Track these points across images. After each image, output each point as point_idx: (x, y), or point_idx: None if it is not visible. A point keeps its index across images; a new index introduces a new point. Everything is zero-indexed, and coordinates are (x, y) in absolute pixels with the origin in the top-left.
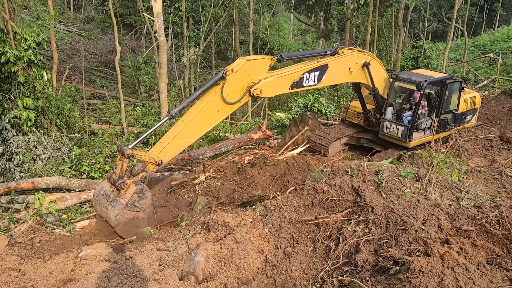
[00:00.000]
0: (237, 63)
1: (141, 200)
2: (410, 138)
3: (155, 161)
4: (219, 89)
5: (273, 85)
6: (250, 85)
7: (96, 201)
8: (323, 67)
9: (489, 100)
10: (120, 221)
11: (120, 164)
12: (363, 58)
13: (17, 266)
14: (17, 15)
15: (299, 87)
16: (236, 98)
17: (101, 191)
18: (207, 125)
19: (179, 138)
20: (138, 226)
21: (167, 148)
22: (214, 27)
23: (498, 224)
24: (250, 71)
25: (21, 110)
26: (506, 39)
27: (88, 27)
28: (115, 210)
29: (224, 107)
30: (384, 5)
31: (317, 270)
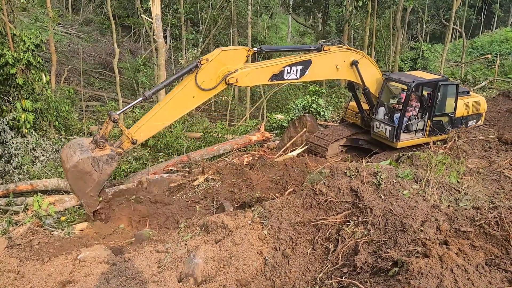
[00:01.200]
0: (213, 53)
1: (106, 164)
2: (397, 138)
3: (131, 139)
4: (193, 77)
5: (250, 75)
6: (226, 73)
7: (68, 145)
8: (306, 62)
9: (487, 101)
10: (79, 165)
11: (105, 126)
12: (351, 56)
13: (15, 268)
14: (16, 17)
15: (280, 79)
16: (211, 85)
17: (78, 141)
18: (183, 109)
19: (155, 120)
20: (85, 183)
21: (142, 128)
22: (212, 29)
23: (496, 225)
24: (226, 60)
25: (20, 112)
26: (504, 41)
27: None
28: (82, 155)
29: (199, 93)
30: (382, 6)
31: (316, 272)
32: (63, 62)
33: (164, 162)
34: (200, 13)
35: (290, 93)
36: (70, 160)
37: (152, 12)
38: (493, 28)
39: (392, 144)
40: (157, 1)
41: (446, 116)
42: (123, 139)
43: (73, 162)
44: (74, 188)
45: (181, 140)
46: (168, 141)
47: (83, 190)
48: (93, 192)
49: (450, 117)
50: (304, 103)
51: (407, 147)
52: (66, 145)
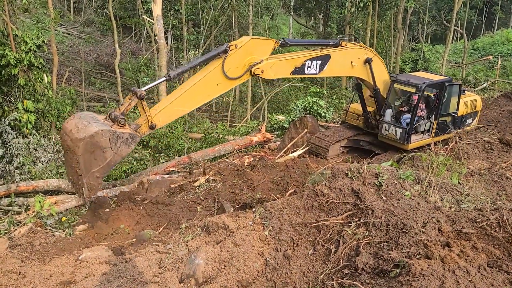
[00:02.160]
0: (242, 39)
1: (124, 144)
2: (408, 140)
3: (150, 123)
4: (220, 62)
5: (274, 67)
6: (252, 64)
7: (78, 116)
8: (325, 57)
9: (488, 102)
10: (97, 137)
11: (127, 103)
12: (365, 53)
13: (17, 269)
14: (18, 18)
15: (301, 73)
16: (236, 74)
17: (90, 114)
18: (205, 96)
19: (176, 105)
20: (95, 159)
21: (162, 113)
22: (213, 30)
23: (498, 227)
24: (253, 50)
25: (21, 112)
26: (505, 42)
27: (88, 30)
28: (101, 126)
29: (224, 81)
30: (383, 8)
31: (317, 273)
32: (64, 62)
33: (165, 163)
34: (201, 14)
35: (291, 94)
36: (83, 129)
37: (153, 13)
38: (494, 29)
39: (403, 146)
40: (158, 2)
41: (449, 116)
42: (141, 122)
43: (90, 131)
44: (80, 161)
45: (182, 141)
46: (169, 141)
47: (90, 167)
48: (99, 173)
49: (453, 116)
50: (305, 104)
51: (415, 148)
52: (73, 116)
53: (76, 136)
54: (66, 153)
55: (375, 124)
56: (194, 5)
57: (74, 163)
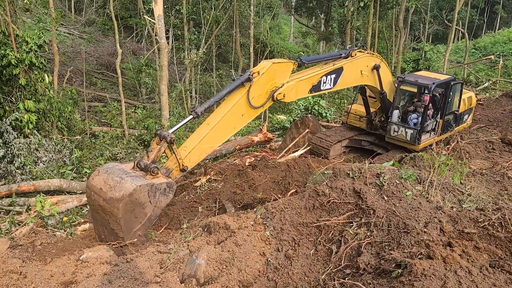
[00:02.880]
0: (262, 65)
1: (163, 195)
2: (419, 140)
3: (182, 166)
4: (245, 92)
5: (295, 89)
6: (274, 89)
7: (104, 171)
8: (338, 70)
9: (490, 102)
10: (136, 194)
11: (157, 149)
12: (373, 60)
13: (18, 269)
14: (19, 18)
15: (317, 90)
16: (260, 102)
17: (116, 166)
18: (232, 129)
19: (205, 143)
20: (136, 217)
21: (192, 153)
22: (214, 30)
23: (500, 226)
24: (275, 74)
25: (23, 112)
26: (507, 41)
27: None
28: (138, 182)
29: (248, 111)
30: (384, 7)
31: (318, 273)
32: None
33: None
34: (202, 13)
35: None
36: (117, 188)
37: (154, 12)
38: (496, 28)
39: (413, 146)
40: (159, 2)
41: (452, 114)
42: (171, 166)
43: (128, 189)
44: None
45: (183, 141)
46: None
47: (132, 227)
48: (141, 231)
49: (455, 114)
50: (306, 104)
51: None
52: (98, 171)
53: (111, 196)
54: (96, 213)
55: (379, 125)
56: (195, 4)
57: (113, 225)
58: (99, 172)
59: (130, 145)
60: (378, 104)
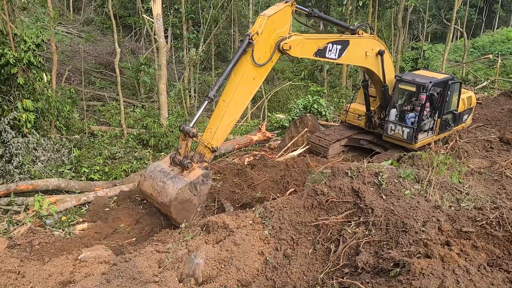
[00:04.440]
0: (259, 22)
1: (203, 185)
2: (416, 139)
3: (211, 147)
4: (249, 57)
5: (301, 45)
6: (279, 40)
7: (149, 176)
8: (345, 43)
9: (488, 101)
10: (180, 196)
11: (184, 144)
12: (378, 45)
13: (16, 268)
14: (17, 17)
15: (322, 56)
16: (266, 58)
17: (157, 168)
18: (248, 95)
19: (226, 119)
20: (188, 211)
21: (217, 133)
22: (213, 29)
23: (498, 225)
24: (275, 25)
25: (21, 112)
26: (506, 40)
27: (88, 29)
28: (177, 185)
29: (258, 72)
30: (383, 6)
31: (317, 272)
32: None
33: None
34: (201, 12)
35: (291, 92)
36: (164, 193)
37: (153, 11)
38: (495, 28)
39: (410, 145)
40: (158, 1)
41: (451, 114)
42: (202, 150)
43: (172, 195)
44: (178, 219)
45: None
46: (169, 140)
47: (188, 218)
48: (196, 216)
49: (454, 114)
50: (305, 103)
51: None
52: (144, 176)
53: (161, 201)
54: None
55: (378, 123)
56: (194, 3)
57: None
58: (145, 178)
59: (129, 144)
60: (377, 103)
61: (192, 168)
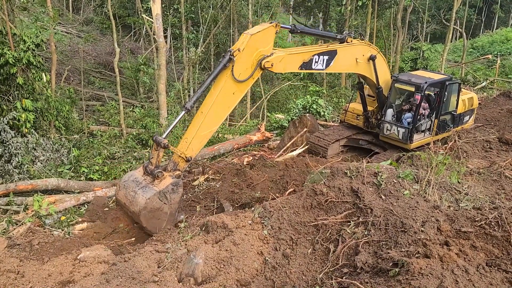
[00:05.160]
0: (241, 40)
1: (173, 193)
2: (411, 139)
3: (185, 157)
4: (229, 72)
5: (284, 61)
6: (261, 58)
7: (123, 186)
8: (332, 52)
9: (487, 101)
10: (148, 205)
11: (156, 154)
12: (369, 51)
13: (16, 268)
14: (16, 16)
15: (308, 68)
16: (247, 75)
17: (131, 177)
18: (226, 109)
19: (202, 130)
20: (159, 219)
21: (193, 143)
22: (213, 29)
23: (497, 225)
24: (257, 44)
25: (20, 111)
26: (505, 41)
27: (87, 29)
28: (146, 194)
29: (238, 88)
30: (382, 6)
31: (316, 272)
32: (63, 61)
33: (164, 162)
34: (200, 12)
35: (290, 93)
36: (134, 202)
37: (152, 11)
38: (494, 28)
39: (405, 145)
40: (157, 1)
41: (449, 114)
42: (176, 159)
43: (141, 204)
44: (149, 227)
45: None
46: (168, 140)
47: (159, 226)
48: (169, 224)
49: (453, 115)
50: (304, 103)
51: (417, 147)
52: (119, 185)
53: (133, 210)
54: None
55: (375, 123)
56: (193, 3)
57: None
58: (119, 187)
59: (128, 144)
60: (376, 103)
61: (162, 177)
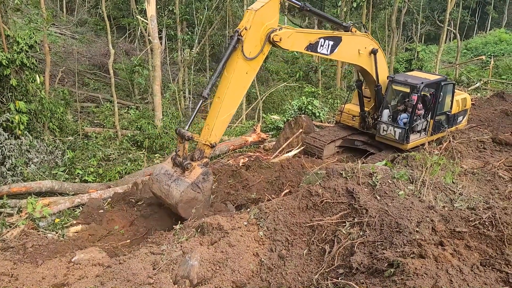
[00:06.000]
0: (246, 17)
1: (204, 182)
2: (407, 140)
3: (209, 144)
4: (240, 53)
5: (292, 37)
6: (269, 31)
7: (156, 179)
8: (337, 39)
9: (481, 102)
10: (184, 198)
11: (181, 147)
12: (371, 44)
13: (9, 271)
14: (9, 17)
15: (314, 50)
16: (257, 51)
17: (161, 170)
18: (242, 90)
19: (222, 115)
20: (195, 208)
21: (215, 129)
22: (208, 30)
23: (491, 225)
24: (263, 18)
25: (14, 113)
26: (498, 42)
27: (81, 30)
28: (180, 187)
29: (251, 66)
30: (377, 8)
31: (312, 273)
32: (57, 63)
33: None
34: (195, 13)
35: (286, 94)
36: (170, 195)
37: (147, 13)
38: (487, 29)
39: (402, 146)
40: (152, 2)
41: (444, 115)
42: (202, 147)
43: (176, 198)
44: (187, 217)
45: (176, 141)
46: (164, 142)
47: (197, 214)
48: (205, 210)
49: (447, 115)
50: (299, 104)
51: (413, 147)
52: (152, 179)
53: (170, 202)
54: None
55: (372, 123)
56: (188, 5)
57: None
58: (153, 181)
59: (123, 145)
60: (372, 104)
61: (192, 168)
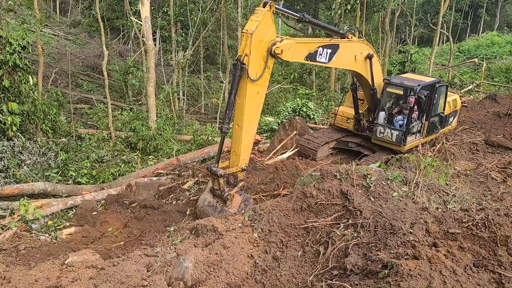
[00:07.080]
0: (244, 42)
1: (246, 207)
2: (404, 142)
3: (241, 168)
4: (246, 79)
5: (292, 49)
6: (270, 45)
7: (202, 212)
8: (335, 47)
9: (474, 104)
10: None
11: (216, 182)
12: (367, 49)
13: (2, 274)
14: (2, 18)
15: (313, 60)
16: (262, 69)
17: (205, 203)
18: (257, 109)
19: (245, 139)
20: None
21: (242, 154)
22: (202, 32)
23: (484, 227)
24: (261, 37)
25: (6, 114)
26: (490, 44)
27: (75, 31)
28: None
29: (260, 85)
30: (371, 10)
31: (306, 275)
32: (50, 64)
33: (153, 165)
34: (189, 15)
35: (280, 95)
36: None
37: (141, 14)
38: (480, 32)
39: (399, 148)
40: (146, 3)
41: (437, 116)
42: (234, 172)
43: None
44: None
45: (170, 143)
46: (158, 144)
47: None
48: None
49: (441, 116)
50: (294, 106)
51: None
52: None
53: None
54: None
55: (367, 126)
56: (183, 6)
57: None
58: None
59: (117, 147)
60: (366, 106)
61: (231, 197)
